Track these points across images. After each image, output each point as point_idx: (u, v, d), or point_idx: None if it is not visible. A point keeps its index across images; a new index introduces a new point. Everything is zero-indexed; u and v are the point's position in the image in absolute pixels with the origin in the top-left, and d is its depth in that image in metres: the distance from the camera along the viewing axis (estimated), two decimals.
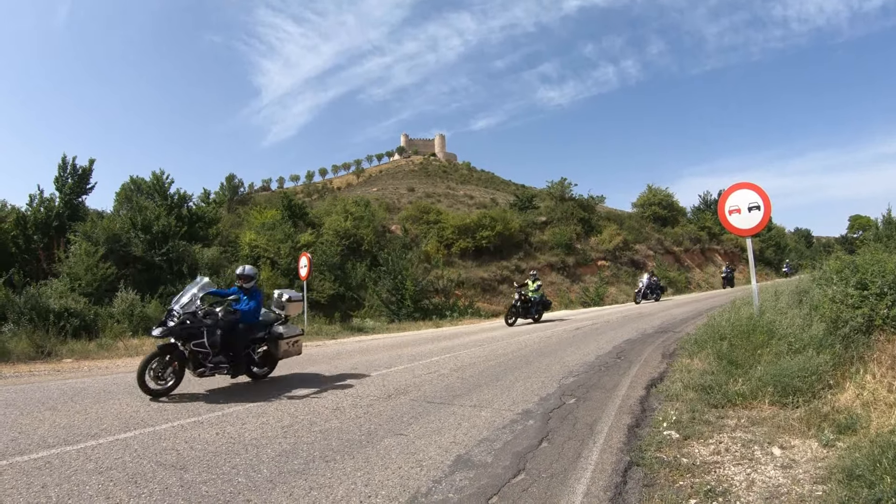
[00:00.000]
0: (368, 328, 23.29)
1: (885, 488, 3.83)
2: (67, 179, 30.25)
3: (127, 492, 4.45)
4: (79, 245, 24.55)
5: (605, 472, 4.91)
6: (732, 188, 11.29)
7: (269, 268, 31.81)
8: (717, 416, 6.49)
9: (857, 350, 7.27)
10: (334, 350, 14.96)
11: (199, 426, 6.56)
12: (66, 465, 5.09)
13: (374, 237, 39.95)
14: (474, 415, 7.02)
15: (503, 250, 46.03)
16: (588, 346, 13.61)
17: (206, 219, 33.45)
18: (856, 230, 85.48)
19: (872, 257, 8.48)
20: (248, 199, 75.63)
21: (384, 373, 10.47)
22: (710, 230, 64.51)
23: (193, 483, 4.66)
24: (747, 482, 4.54)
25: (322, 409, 7.41)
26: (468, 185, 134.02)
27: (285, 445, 5.75)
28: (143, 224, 27.20)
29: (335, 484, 4.65)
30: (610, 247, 52.79)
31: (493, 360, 11.81)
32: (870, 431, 5.13)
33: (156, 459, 5.26)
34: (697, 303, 29.88)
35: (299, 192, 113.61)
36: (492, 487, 4.57)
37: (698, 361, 9.64)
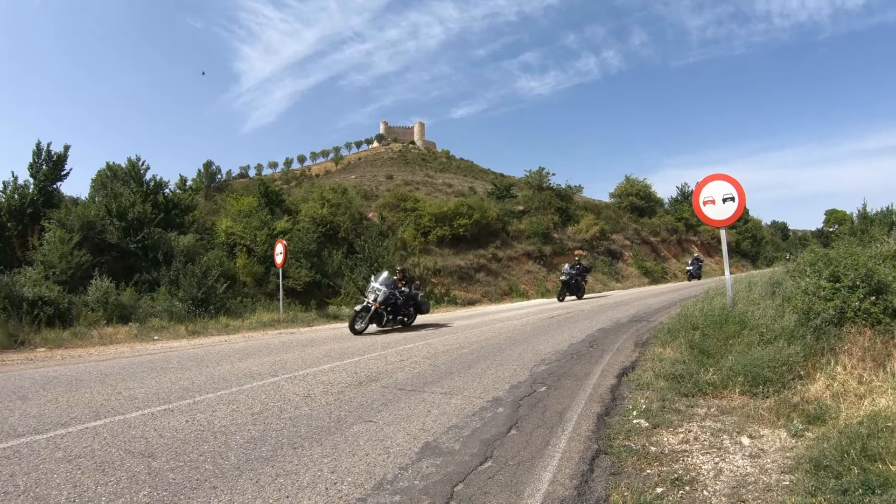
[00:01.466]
0: (344, 316, 23.14)
1: (853, 479, 3.84)
2: (42, 166, 29.77)
3: (94, 480, 4.39)
4: (53, 232, 24.22)
5: (573, 459, 4.89)
6: (707, 179, 11.33)
7: (246, 255, 31.59)
8: (687, 406, 6.50)
9: (828, 342, 7.30)
10: (308, 337, 14.91)
11: (169, 414, 6.49)
12: (35, 453, 5.02)
13: (351, 224, 39.79)
14: (444, 402, 6.99)
15: (480, 238, 46.03)
16: (562, 334, 13.63)
17: (183, 206, 33.10)
18: (832, 224, 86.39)
19: (846, 250, 8.51)
20: (225, 186, 75.07)
21: (357, 360, 10.42)
22: (688, 221, 64.99)
23: (161, 470, 4.61)
24: (715, 471, 4.53)
25: (292, 397, 7.36)
26: (447, 173, 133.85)
27: (254, 432, 5.69)
28: (118, 211, 26.84)
29: (302, 471, 4.61)
30: (587, 236, 53.00)
31: (466, 347, 11.80)
32: (839, 422, 5.15)
33: (124, 447, 5.20)
34: (673, 293, 30.03)
35: (277, 179, 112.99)
36: (458, 475, 4.54)
37: (670, 351, 9.68)
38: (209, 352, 11.97)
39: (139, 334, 15.51)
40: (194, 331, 16.62)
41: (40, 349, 12.91)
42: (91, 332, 15.21)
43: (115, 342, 14.27)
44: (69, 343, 13.79)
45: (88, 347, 13.31)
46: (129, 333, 15.48)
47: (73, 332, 14.88)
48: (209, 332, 16.79)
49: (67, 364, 10.59)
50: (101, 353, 12.32)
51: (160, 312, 19.41)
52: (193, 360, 10.70)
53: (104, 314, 17.80)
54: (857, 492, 3.70)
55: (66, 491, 4.18)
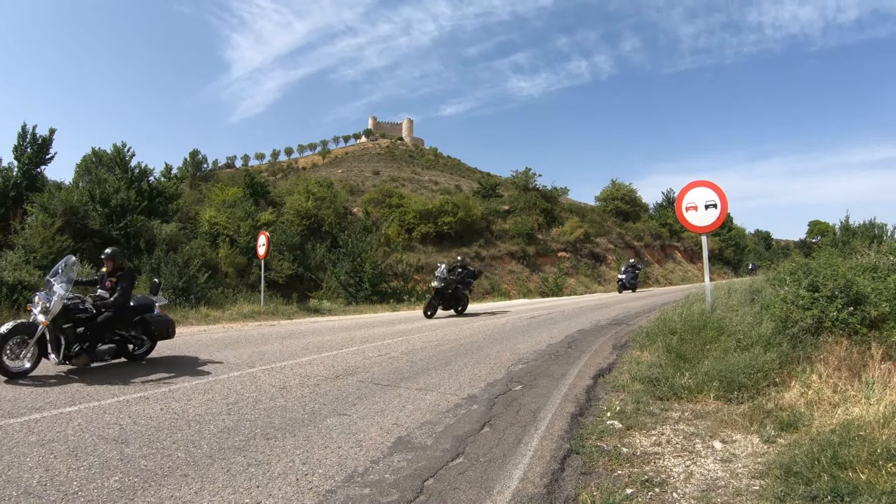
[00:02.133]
0: (325, 309, 23.14)
1: (822, 486, 3.85)
2: (27, 149, 29.68)
3: (66, 464, 4.40)
4: (35, 216, 24.15)
5: (544, 458, 4.89)
6: (690, 185, 11.38)
7: (228, 245, 31.56)
8: (662, 409, 6.51)
9: (804, 350, 7.35)
10: (287, 330, 14.85)
11: (144, 401, 6.48)
12: (9, 437, 5.02)
13: (335, 219, 39.82)
14: (419, 398, 6.98)
15: (464, 237, 46.17)
16: (541, 334, 13.65)
17: (167, 194, 33.06)
18: (815, 235, 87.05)
19: (826, 261, 8.55)
20: (211, 175, 74.67)
21: (335, 354, 10.39)
22: (672, 227, 65.30)
23: (133, 457, 4.60)
24: (686, 474, 4.54)
25: (268, 388, 7.35)
26: (434, 170, 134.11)
27: (228, 422, 5.69)
28: (101, 197, 26.77)
29: (273, 461, 4.61)
30: (571, 238, 53.28)
31: (445, 344, 11.78)
32: (811, 430, 5.18)
33: (98, 433, 5.20)
34: (653, 297, 30.15)
35: (264, 171, 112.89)
36: (428, 470, 4.54)
37: (648, 354, 9.69)
38: (188, 341, 11.89)
39: None
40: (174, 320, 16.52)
41: None
42: None
43: None
44: None
45: None
46: None
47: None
48: (189, 321, 16.67)
49: None
50: None
51: None
52: (171, 349, 10.64)
53: None
54: (825, 498, 3.71)
55: (38, 474, 4.19)
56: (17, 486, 3.95)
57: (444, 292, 19.35)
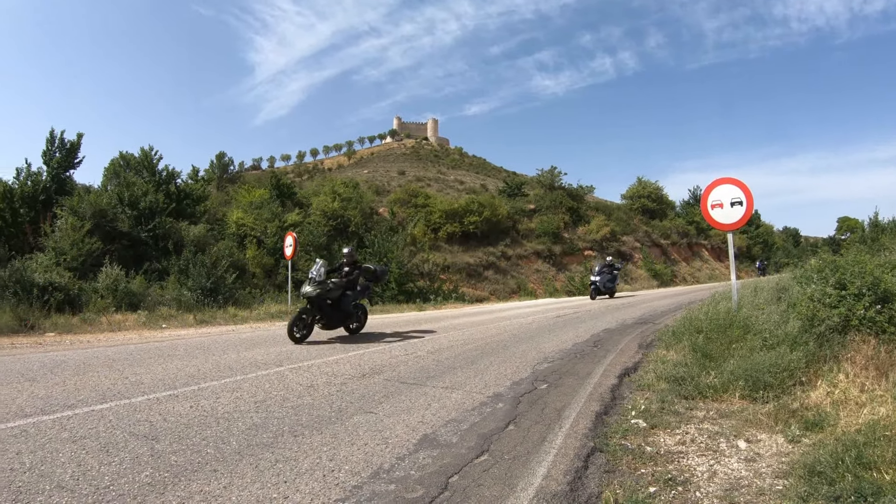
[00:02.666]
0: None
1: (846, 486, 3.84)
2: (55, 153, 30.14)
3: (98, 459, 4.48)
4: (65, 219, 24.48)
5: (568, 456, 4.92)
6: (715, 183, 11.32)
7: (256, 246, 31.79)
8: (687, 408, 6.51)
9: (831, 349, 7.28)
10: (315, 329, 14.92)
11: (173, 399, 6.58)
12: (42, 433, 5.12)
13: (361, 219, 39.92)
14: (445, 396, 7.04)
15: (490, 236, 46.13)
16: (567, 333, 13.67)
17: (194, 196, 33.42)
18: (843, 232, 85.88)
19: (854, 258, 8.48)
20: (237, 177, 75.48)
21: (361, 352, 10.50)
22: (699, 225, 64.83)
23: (163, 453, 4.69)
24: (709, 473, 4.55)
25: (296, 386, 7.44)
26: (459, 170, 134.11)
27: (256, 419, 5.77)
28: (130, 200, 27.13)
29: (301, 457, 4.68)
30: (597, 237, 53.07)
31: (471, 344, 11.85)
32: (837, 430, 5.13)
33: (129, 430, 5.29)
34: (681, 296, 29.97)
35: (290, 172, 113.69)
36: (453, 467, 4.59)
37: (673, 353, 9.67)
38: (216, 341, 12.07)
39: (147, 322, 15.65)
40: (202, 320, 16.76)
41: (50, 334, 13.05)
42: (100, 318, 15.36)
43: (123, 329, 14.41)
44: (78, 329, 13.94)
45: (97, 333, 13.45)
46: (138, 321, 15.61)
47: (82, 318, 15.05)
48: (217, 321, 16.91)
49: (76, 349, 10.73)
50: (109, 339, 12.46)
51: (169, 301, 19.58)
52: (200, 349, 10.80)
53: (113, 301, 18.02)
54: (849, 499, 3.70)
55: (71, 469, 4.27)
56: (50, 481, 4.04)
57: (321, 302, 12.62)
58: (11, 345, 11.15)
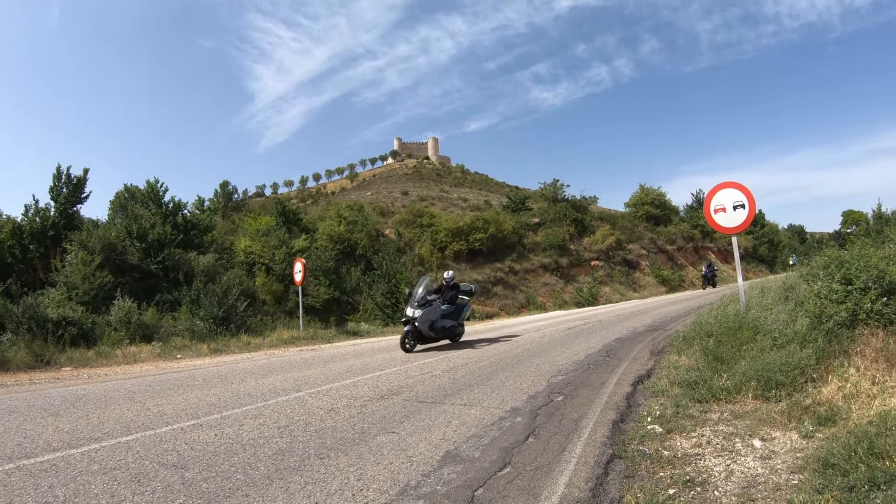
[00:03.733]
0: (364, 332, 23.37)
1: (859, 476, 3.95)
2: (62, 189, 30.36)
3: (131, 490, 4.56)
4: (75, 254, 24.65)
5: (588, 464, 5.04)
6: (717, 187, 11.46)
7: (265, 274, 31.91)
8: (701, 411, 6.61)
9: (840, 344, 7.34)
10: (329, 353, 15.07)
11: (198, 428, 6.66)
12: (72, 466, 5.18)
13: (368, 241, 40.05)
14: (464, 413, 7.14)
15: (496, 252, 46.12)
16: (579, 345, 13.77)
17: (201, 226, 33.51)
18: (849, 225, 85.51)
19: (858, 252, 8.57)
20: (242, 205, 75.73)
21: (378, 374, 10.57)
22: (703, 228, 64.49)
23: (194, 481, 4.77)
24: (726, 473, 4.66)
25: (317, 410, 7.52)
26: (462, 187, 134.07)
27: (281, 444, 5.86)
28: (138, 233, 27.25)
29: (329, 479, 4.77)
30: (603, 247, 52.96)
31: (485, 360, 11.93)
32: (849, 423, 5.23)
33: (157, 460, 5.37)
34: (690, 301, 29.99)
35: (293, 198, 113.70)
36: (478, 480, 4.70)
37: (685, 358, 9.75)
38: (233, 369, 12.17)
39: (162, 353, 15.73)
40: (216, 349, 16.82)
41: (66, 368, 13.14)
42: (115, 351, 15.44)
43: (138, 361, 14.49)
44: (94, 362, 14.01)
45: (113, 366, 13.53)
46: (153, 352, 15.71)
47: (97, 351, 15.14)
48: (231, 349, 16.97)
49: (94, 382, 10.81)
50: (126, 371, 12.55)
51: (182, 331, 19.63)
52: (218, 377, 10.90)
53: (127, 334, 18.08)
54: (862, 488, 3.80)
55: (105, 500, 4.34)
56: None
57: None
58: (30, 380, 11.23)
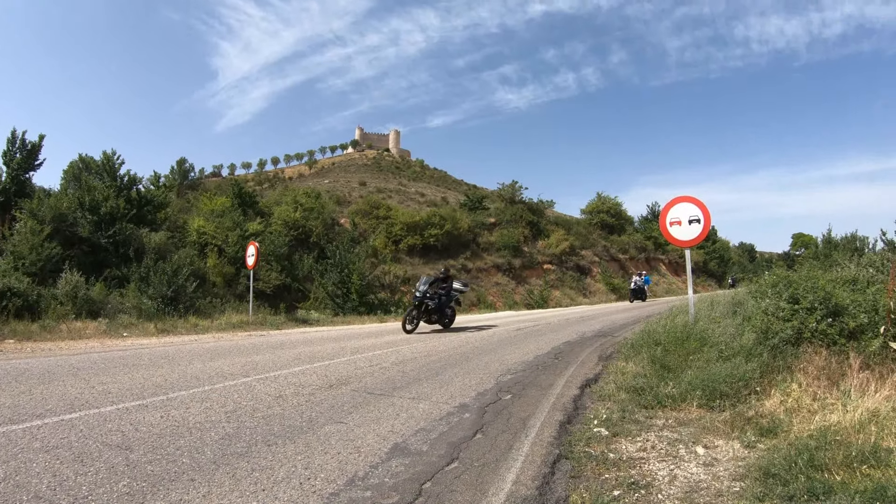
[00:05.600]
0: (313, 320, 23.32)
1: (799, 486, 4.04)
2: (16, 154, 29.38)
3: (73, 470, 4.47)
4: (24, 223, 23.96)
5: (535, 463, 5.07)
6: (674, 201, 11.64)
7: (216, 255, 31.51)
8: (647, 417, 6.70)
9: (784, 360, 7.54)
10: (278, 340, 14.97)
11: (143, 409, 6.55)
12: (13, 443, 5.08)
13: (322, 229, 39.82)
14: (413, 406, 7.14)
15: (451, 249, 46.23)
16: (528, 346, 13.84)
17: (156, 203, 32.86)
18: (798, 247, 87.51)
19: (806, 273, 8.79)
20: (198, 184, 74.62)
21: (327, 364, 10.52)
22: (656, 240, 65.58)
23: (139, 463, 4.69)
24: (670, 477, 4.73)
25: (264, 396, 7.46)
26: (420, 182, 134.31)
27: (228, 429, 5.80)
28: (90, 205, 26.55)
29: (276, 466, 4.74)
30: (557, 251, 53.42)
31: (435, 355, 11.94)
32: (790, 436, 5.35)
33: (101, 440, 5.28)
34: (638, 310, 30.44)
35: (250, 181, 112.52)
36: (426, 474, 4.71)
37: (633, 365, 9.86)
38: (180, 350, 12.02)
39: (108, 330, 15.50)
40: (163, 329, 16.62)
41: (9, 340, 12.89)
42: (60, 325, 15.17)
43: (84, 337, 14.26)
44: (38, 336, 13.76)
45: (58, 341, 13.30)
46: (98, 329, 15.46)
47: (41, 324, 14.85)
48: (178, 330, 16.79)
49: (38, 357, 10.63)
50: (70, 347, 12.34)
51: (129, 309, 19.35)
52: (165, 358, 10.75)
53: (73, 308, 17.74)
54: (802, 497, 3.90)
55: (47, 479, 4.25)
56: (26, 491, 4.02)
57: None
58: None
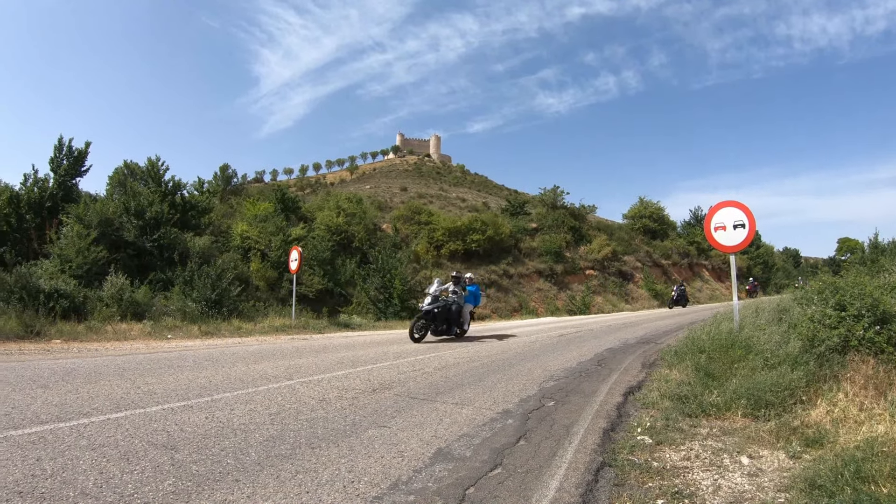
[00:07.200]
0: (355, 324, 23.42)
1: (845, 498, 4.00)
2: (63, 161, 30.00)
3: (120, 468, 4.55)
4: (71, 227, 24.46)
5: (579, 470, 5.08)
6: (719, 206, 11.51)
7: (260, 260, 31.84)
8: (691, 425, 6.66)
9: (831, 369, 7.42)
10: (320, 344, 15.10)
11: (188, 410, 6.67)
12: (60, 440, 5.18)
13: (365, 234, 39.96)
14: (456, 412, 7.18)
15: (492, 255, 46.08)
16: (571, 352, 13.80)
17: (200, 207, 33.35)
18: (844, 252, 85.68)
19: (853, 279, 8.63)
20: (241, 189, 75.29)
21: (370, 368, 10.60)
22: (699, 245, 64.71)
23: (184, 462, 4.78)
24: (714, 487, 4.71)
25: (308, 399, 7.55)
26: (461, 187, 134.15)
27: (272, 431, 5.88)
28: (136, 209, 27.04)
29: (320, 469, 4.80)
30: (599, 256, 52.96)
31: (477, 361, 11.97)
32: (836, 446, 5.28)
33: (147, 439, 5.36)
34: (681, 316, 30.06)
35: (292, 186, 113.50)
36: (469, 479, 4.74)
37: (676, 372, 9.81)
38: (224, 353, 12.18)
39: (153, 332, 15.76)
40: (207, 331, 16.86)
41: (56, 340, 13.18)
42: (105, 326, 15.48)
43: (129, 338, 14.52)
44: (84, 336, 14.05)
45: (103, 342, 13.57)
46: (143, 330, 15.73)
47: (87, 325, 15.16)
48: (222, 333, 17.00)
49: (84, 357, 10.85)
50: (116, 347, 12.59)
51: (173, 311, 19.65)
52: (209, 360, 10.93)
53: (118, 310, 18.08)
54: None
55: (93, 477, 4.34)
56: (73, 488, 4.11)
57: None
58: (19, 350, 11.29)
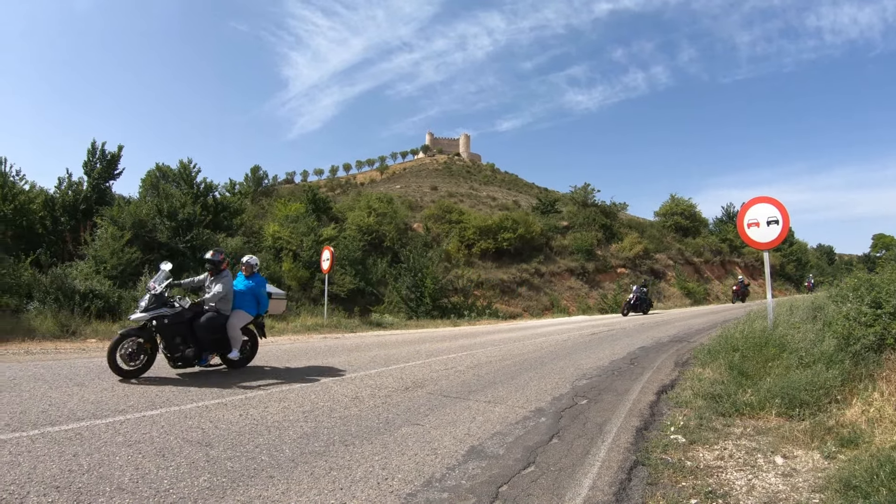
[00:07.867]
0: (387, 323, 23.50)
1: (881, 499, 3.97)
2: (96, 164, 30.37)
3: (155, 464, 4.67)
4: (105, 229, 24.78)
5: (612, 468, 5.11)
6: (752, 202, 11.41)
7: (291, 260, 32.05)
8: (724, 424, 6.64)
9: (866, 367, 7.34)
10: (353, 343, 15.20)
11: (222, 407, 6.81)
12: (96, 437, 5.31)
13: (396, 234, 40.04)
14: (488, 410, 7.23)
15: (523, 253, 45.98)
16: (603, 351, 13.78)
17: (231, 209, 33.62)
18: (879, 249, 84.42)
19: (889, 276, 8.53)
20: (271, 190, 75.94)
21: (402, 366, 10.69)
22: (732, 243, 63.93)
23: (219, 459, 4.88)
24: (748, 487, 4.70)
25: (341, 397, 7.65)
26: (491, 186, 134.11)
27: (306, 429, 5.99)
28: (168, 211, 27.35)
29: (354, 466, 4.88)
30: (630, 255, 52.59)
31: (509, 359, 12.00)
32: (871, 446, 5.23)
33: (182, 436, 5.49)
34: (714, 314, 29.79)
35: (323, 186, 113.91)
36: (502, 477, 4.79)
37: (710, 371, 9.76)
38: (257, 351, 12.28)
39: None
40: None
41: (91, 340, 13.40)
42: None
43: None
44: None
45: None
46: None
47: (122, 325, 15.32)
48: None
49: None
50: None
51: None
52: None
53: None
54: None
55: (129, 472, 4.47)
56: (109, 483, 4.23)
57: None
58: (56, 349, 11.51)
